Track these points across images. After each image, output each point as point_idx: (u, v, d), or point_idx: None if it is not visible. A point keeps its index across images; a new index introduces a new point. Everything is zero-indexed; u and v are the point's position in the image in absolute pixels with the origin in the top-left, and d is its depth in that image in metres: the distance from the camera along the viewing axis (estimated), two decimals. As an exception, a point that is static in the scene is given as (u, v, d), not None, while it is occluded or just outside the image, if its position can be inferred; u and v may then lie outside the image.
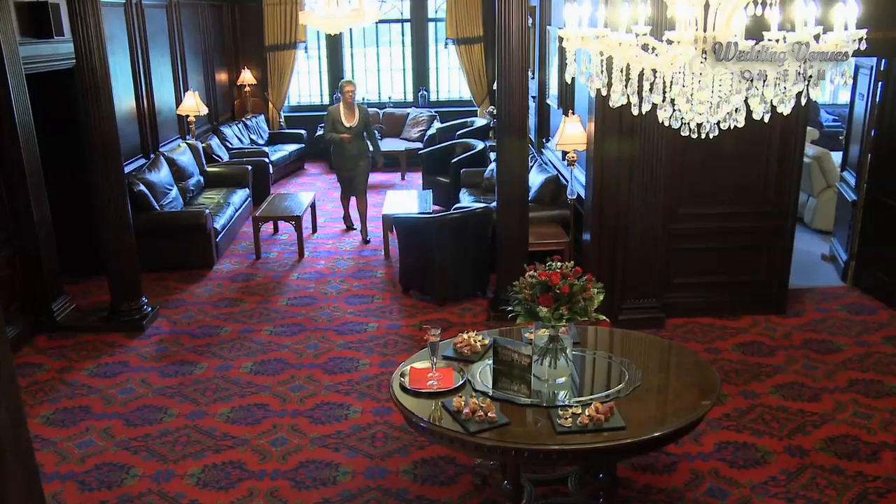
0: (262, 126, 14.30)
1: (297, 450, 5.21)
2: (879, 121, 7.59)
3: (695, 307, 7.20)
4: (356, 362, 6.52)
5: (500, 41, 6.61)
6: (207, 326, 7.29)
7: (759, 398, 5.81)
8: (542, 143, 10.76)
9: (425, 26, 15.29)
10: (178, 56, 11.47)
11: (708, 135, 3.31)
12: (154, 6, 10.54)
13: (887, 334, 6.92)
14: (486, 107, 14.60)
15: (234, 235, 10.04)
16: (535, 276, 4.09)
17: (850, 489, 4.71)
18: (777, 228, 7.13)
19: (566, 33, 3.24)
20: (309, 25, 10.20)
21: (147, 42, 10.14)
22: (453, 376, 4.25)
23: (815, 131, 12.53)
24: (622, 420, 3.77)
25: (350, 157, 9.78)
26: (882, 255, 7.62)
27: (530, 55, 10.50)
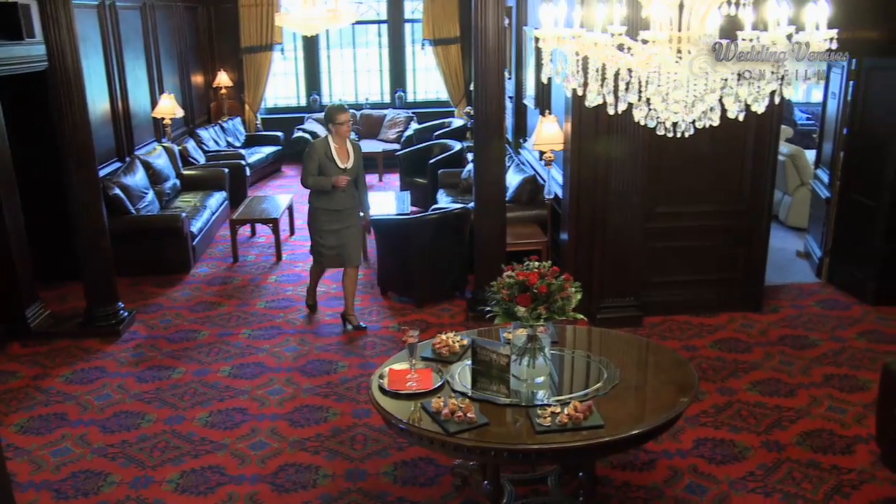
0: (238, 128, 14.23)
1: (277, 453, 5.18)
2: (851, 119, 7.68)
3: (672, 305, 7.24)
4: (335, 365, 6.50)
5: (476, 42, 6.62)
6: (185, 331, 7.24)
7: (737, 394, 5.86)
8: (520, 143, 10.79)
9: (402, 27, 15.28)
10: (154, 58, 11.38)
11: (683, 134, 3.33)
12: (128, 7, 10.45)
13: (861, 329, 7.00)
14: (463, 107, 14.61)
15: (211, 239, 9.98)
16: (512, 276, 4.10)
17: (825, 482, 4.76)
18: (753, 226, 7.19)
19: (542, 33, 3.25)
20: (285, 27, 10.20)
21: (121, 44, 10.06)
22: (432, 377, 4.25)
23: (790, 129, 12.64)
24: (601, 418, 3.79)
25: (341, 213, 7.05)
26: (855, 251, 7.70)
27: (507, 55, 10.52)
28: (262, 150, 13.77)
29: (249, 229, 10.24)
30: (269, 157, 13.78)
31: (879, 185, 7.31)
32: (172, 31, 12.41)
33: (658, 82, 3.17)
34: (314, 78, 15.43)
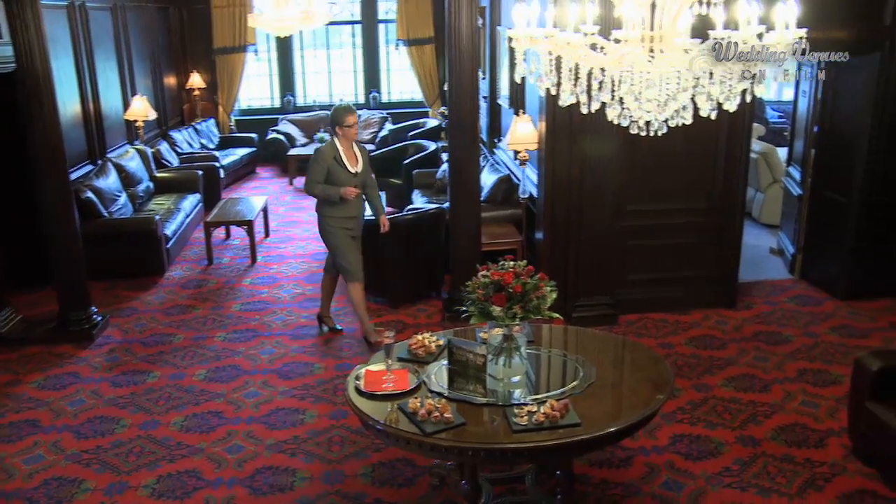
0: (212, 130, 14.14)
1: (253, 456, 5.16)
2: (822, 117, 7.77)
3: (647, 303, 7.28)
4: (311, 366, 6.48)
5: (450, 42, 6.62)
6: (159, 334, 7.18)
7: (712, 391, 5.91)
8: (494, 143, 10.80)
9: (376, 28, 15.26)
10: (125, 59, 11.27)
11: (657, 132, 3.35)
12: (98, 8, 10.34)
13: (833, 324, 7.08)
14: (437, 107, 14.61)
15: (186, 241, 9.90)
16: (487, 276, 4.10)
17: (799, 476, 4.82)
18: (726, 223, 7.25)
19: (515, 33, 3.26)
20: (258, 28, 10.14)
21: (92, 45, 9.95)
22: (408, 378, 4.24)
23: (761, 128, 12.75)
24: (577, 417, 3.80)
25: (357, 219, 6.76)
26: (827, 247, 7.79)
27: (481, 55, 10.55)
28: (237, 151, 13.68)
29: (224, 232, 10.17)
30: (243, 158, 13.70)
31: (850, 182, 7.40)
32: (144, 32, 12.29)
33: (631, 81, 3.19)
34: (288, 79, 15.37)
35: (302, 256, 9.42)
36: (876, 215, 7.35)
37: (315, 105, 15.43)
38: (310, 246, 9.81)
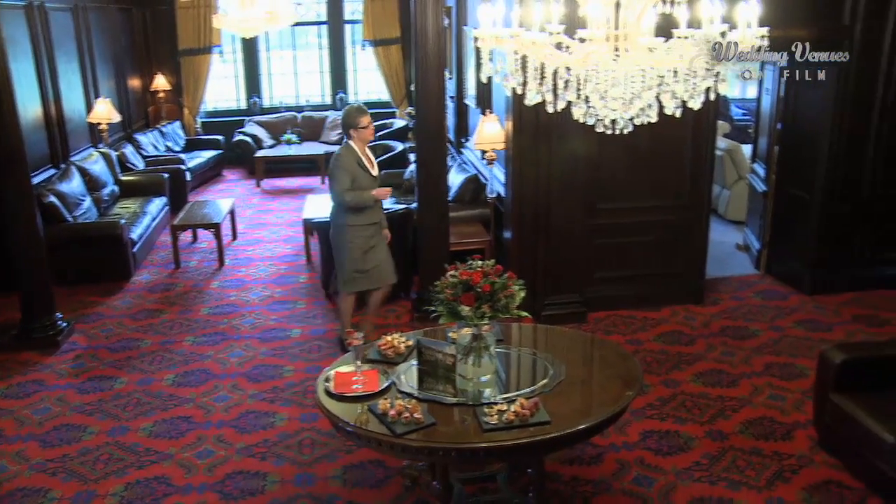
0: (177, 133, 14.00)
1: (224, 461, 5.11)
2: (784, 114, 7.86)
3: (616, 300, 7.33)
4: (280, 369, 6.44)
5: (416, 42, 6.61)
6: (126, 339, 7.10)
7: (681, 386, 5.96)
8: (461, 143, 10.81)
9: (342, 28, 15.20)
10: (88, 61, 11.13)
11: (622, 131, 3.37)
12: (58, 9, 10.19)
13: (798, 318, 7.17)
14: (404, 108, 14.60)
15: (152, 245, 9.80)
16: (455, 276, 4.11)
17: (767, 468, 4.88)
18: (693, 220, 7.32)
19: (481, 33, 3.26)
20: (223, 29, 10.05)
21: (52, 47, 9.80)
22: (378, 379, 4.23)
23: (726, 125, 12.88)
24: (547, 415, 3.81)
25: (378, 225, 6.45)
26: (792, 242, 7.89)
27: (447, 55, 10.54)
28: (203, 154, 13.56)
29: (191, 235, 10.08)
30: (209, 161, 13.58)
31: (812, 178, 7.50)
32: (106, 33, 12.13)
33: (596, 80, 3.21)
34: (254, 80, 15.26)
35: (270, 259, 9.36)
36: (838, 211, 7.47)
37: (281, 106, 15.34)
38: (277, 248, 9.76)
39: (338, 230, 6.38)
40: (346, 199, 6.17)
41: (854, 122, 7.26)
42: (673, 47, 3.16)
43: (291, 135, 13.85)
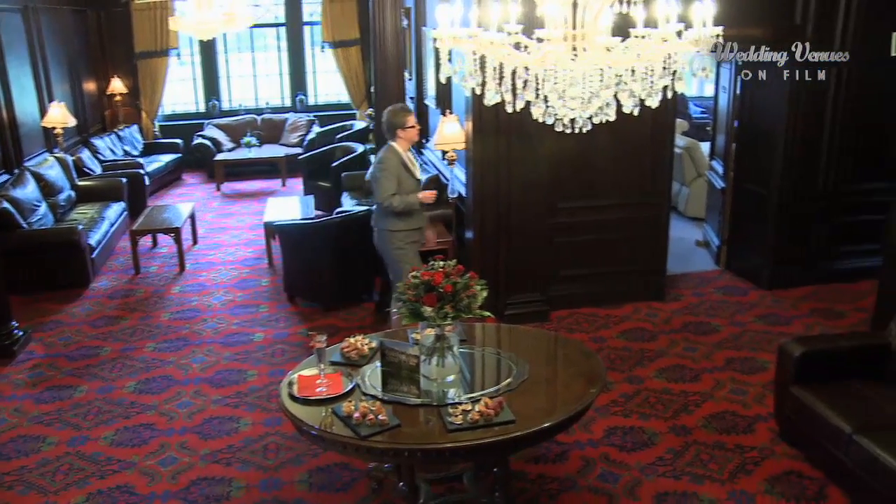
0: (135, 136, 13.82)
1: (188, 468, 5.05)
2: (740, 112, 7.98)
3: (578, 298, 7.37)
4: (244, 374, 6.39)
5: (375, 43, 6.61)
6: (86, 347, 6.99)
7: (644, 382, 6.01)
8: (422, 144, 10.79)
9: (301, 30, 15.12)
10: (41, 64, 10.92)
11: (581, 129, 3.40)
12: (7, 10, 9.98)
13: (758, 313, 7.27)
14: (364, 109, 14.55)
15: (111, 251, 9.66)
16: (417, 277, 4.10)
17: (730, 461, 4.94)
18: (653, 217, 7.39)
19: (439, 34, 3.27)
20: (180, 31, 9.95)
21: (2, 49, 9.61)
22: (342, 381, 4.21)
23: (685, 123, 13.04)
24: (512, 414, 3.82)
25: (420, 231, 6.36)
26: (750, 238, 8.00)
27: (407, 56, 10.52)
28: (162, 158, 13.39)
29: (150, 240, 9.95)
30: (168, 165, 13.42)
31: (769, 174, 7.62)
32: (59, 35, 11.90)
33: (554, 79, 3.23)
34: (213, 83, 15.12)
35: (231, 263, 9.28)
36: (794, 206, 7.60)
37: (241, 109, 15.22)
38: (239, 252, 9.68)
39: (380, 236, 6.21)
40: (393, 204, 5.95)
41: (808, 119, 7.39)
42: (630, 46, 3.19)
43: (251, 138, 13.74)
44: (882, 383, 4.83)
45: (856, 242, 7.84)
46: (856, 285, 7.71)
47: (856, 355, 5.01)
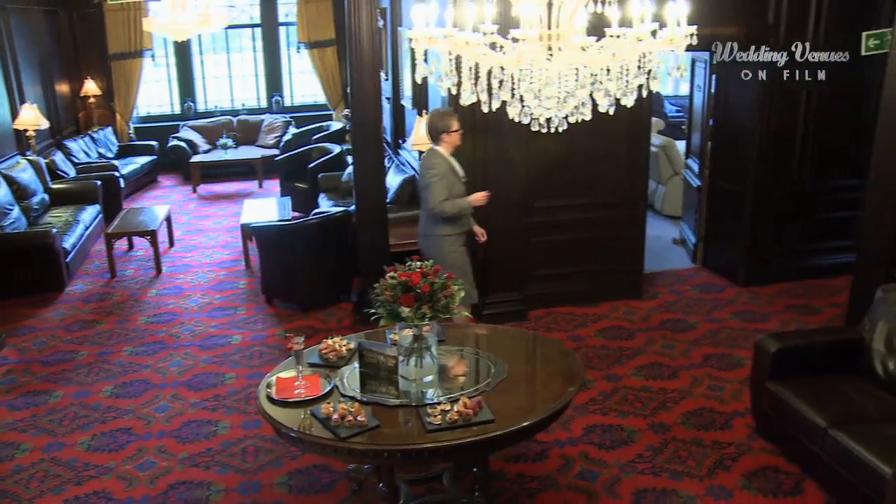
0: (110, 139, 13.69)
1: (166, 472, 5.02)
2: (715, 111, 8.04)
3: (556, 297, 7.39)
4: (222, 377, 6.35)
5: (351, 44, 6.58)
6: (61, 352, 6.92)
7: (622, 380, 6.04)
8: (399, 144, 10.79)
9: (276, 31, 15.05)
10: (11, 66, 10.78)
11: (557, 129, 3.41)
12: (-23, 12, 9.89)
13: (734, 310, 7.33)
14: (341, 110, 14.51)
15: (86, 254, 9.57)
16: (395, 277, 4.10)
17: (708, 457, 4.98)
18: (630, 216, 7.42)
19: (414, 34, 3.26)
20: (154, 32, 9.87)
21: (-29, 51, 9.51)
22: (320, 383, 4.20)
23: (661, 122, 13.11)
24: (490, 413, 3.83)
25: (467, 234, 6.22)
26: (726, 236, 8.07)
27: (383, 57, 10.51)
28: (137, 160, 13.28)
29: (126, 243, 9.87)
30: (144, 167, 13.31)
31: (744, 172, 7.68)
32: (30, 36, 11.74)
33: (530, 79, 3.23)
34: (188, 84, 15.01)
35: (209, 265, 9.22)
36: (769, 203, 7.67)
37: (217, 111, 15.12)
38: (216, 254, 9.63)
39: (430, 242, 6.05)
40: (445, 210, 5.83)
41: (782, 117, 7.46)
42: (605, 46, 3.20)
43: (227, 139, 13.67)
44: (856, 377, 4.88)
45: (830, 239, 7.93)
46: (830, 281, 7.79)
47: (831, 350, 5.06)
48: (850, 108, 7.51)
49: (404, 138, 10.39)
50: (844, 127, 7.57)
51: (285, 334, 6.80)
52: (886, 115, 5.61)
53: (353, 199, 7.45)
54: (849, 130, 7.60)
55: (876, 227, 5.78)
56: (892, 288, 5.04)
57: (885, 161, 5.64)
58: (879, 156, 5.71)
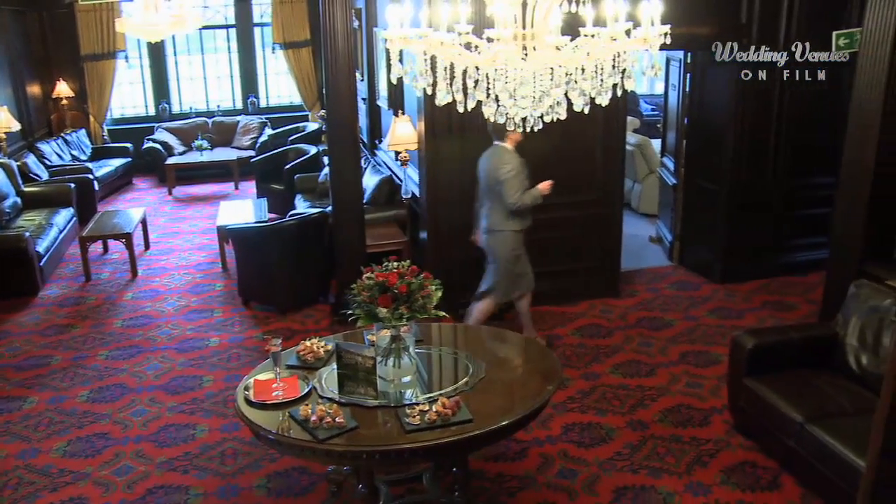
0: (83, 141, 13.56)
1: (144, 477, 4.98)
2: (690, 109, 8.09)
3: (534, 296, 7.37)
4: (199, 380, 6.31)
5: (326, 44, 6.56)
6: (35, 357, 6.84)
7: (601, 378, 6.06)
8: (375, 145, 10.78)
9: (251, 31, 14.96)
10: (-20, 68, 10.67)
11: (533, 128, 3.41)
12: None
13: (710, 307, 7.39)
14: (317, 111, 14.45)
15: (60, 258, 9.47)
16: (372, 278, 4.09)
17: (686, 454, 5.01)
18: (607, 215, 7.45)
19: (389, 34, 3.26)
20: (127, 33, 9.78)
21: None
22: (298, 385, 4.19)
23: (636, 120, 13.18)
24: (469, 413, 3.83)
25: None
26: (701, 233, 8.12)
27: (358, 57, 10.50)
28: (111, 162, 13.15)
29: (101, 246, 9.78)
30: (118, 169, 13.19)
31: (718, 170, 7.74)
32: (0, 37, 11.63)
33: (505, 79, 3.24)
34: (162, 86, 14.89)
35: (185, 268, 9.16)
36: (744, 201, 7.73)
37: (192, 112, 15.02)
38: (192, 256, 9.56)
39: (500, 238, 6.20)
40: (525, 202, 6.02)
41: (756, 115, 7.52)
42: (580, 45, 3.21)
43: (203, 141, 13.58)
44: (831, 372, 4.94)
45: (805, 236, 8.01)
46: (805, 278, 7.87)
47: (806, 346, 5.12)
48: (823, 106, 7.57)
49: (380, 139, 10.38)
50: (818, 125, 7.63)
51: (263, 336, 6.77)
52: (857, 114, 5.68)
53: (329, 200, 7.44)
54: (823, 128, 7.66)
55: (847, 224, 5.85)
56: (865, 284, 5.10)
57: (855, 159, 5.71)
58: (850, 154, 5.78)
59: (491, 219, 6.22)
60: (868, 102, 5.53)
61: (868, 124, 5.54)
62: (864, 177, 5.62)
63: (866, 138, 5.57)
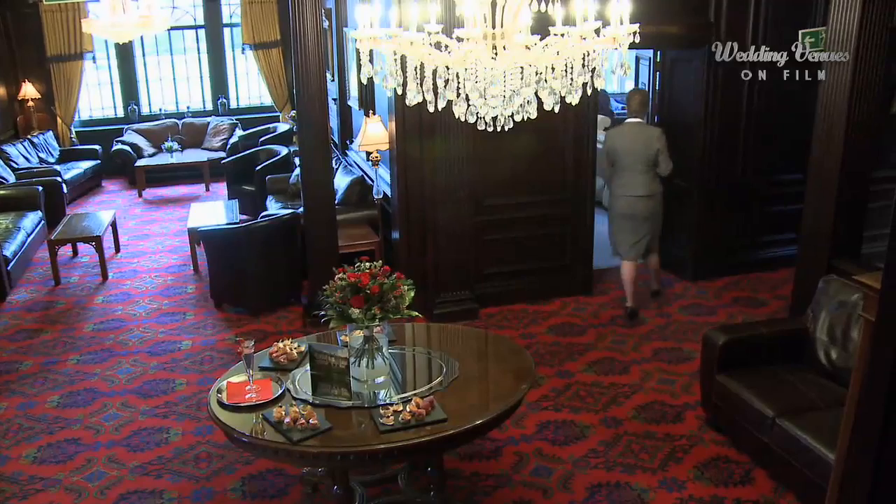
0: (51, 143, 13.38)
1: (117, 482, 4.93)
2: (660, 107, 8.14)
3: (507, 295, 7.42)
4: (172, 383, 6.26)
5: (296, 45, 6.54)
6: (4, 363, 6.74)
7: (574, 376, 6.09)
8: (346, 145, 10.75)
9: (221, 32, 14.84)
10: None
11: (503, 127, 3.42)
12: None
13: (682, 304, 7.44)
14: (287, 111, 14.38)
15: (28, 262, 9.35)
16: (344, 279, 4.08)
17: (660, 450, 5.05)
18: (578, 213, 7.49)
19: (359, 34, 3.25)
20: (94, 34, 9.68)
21: None
22: (271, 387, 4.17)
23: (607, 119, 13.21)
24: (443, 412, 3.84)
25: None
26: (673, 230, 8.15)
27: (328, 57, 10.46)
28: (80, 164, 13.00)
29: (70, 249, 9.67)
30: (87, 172, 13.04)
31: (690, 168, 7.78)
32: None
33: (475, 78, 3.24)
34: (131, 87, 14.72)
35: (156, 270, 9.08)
36: (714, 199, 7.80)
37: (161, 114, 14.88)
38: (163, 259, 9.48)
39: (659, 200, 7.11)
40: (671, 167, 7.01)
41: (725, 113, 7.58)
42: (549, 44, 3.22)
43: (172, 143, 13.46)
44: (801, 367, 5.00)
45: (775, 232, 8.09)
46: (775, 274, 7.95)
47: (776, 341, 5.17)
48: (793, 104, 7.64)
49: (351, 139, 10.35)
50: (787, 122, 7.71)
51: (235, 339, 6.72)
52: (825, 112, 5.74)
53: (301, 201, 7.41)
54: (791, 125, 7.73)
55: (816, 221, 5.91)
56: (833, 279, 5.17)
57: (823, 156, 5.77)
58: (819, 151, 5.84)
59: (649, 186, 6.99)
60: (834, 102, 5.60)
61: (834, 123, 5.61)
62: (832, 174, 5.69)
63: (833, 137, 5.64)
